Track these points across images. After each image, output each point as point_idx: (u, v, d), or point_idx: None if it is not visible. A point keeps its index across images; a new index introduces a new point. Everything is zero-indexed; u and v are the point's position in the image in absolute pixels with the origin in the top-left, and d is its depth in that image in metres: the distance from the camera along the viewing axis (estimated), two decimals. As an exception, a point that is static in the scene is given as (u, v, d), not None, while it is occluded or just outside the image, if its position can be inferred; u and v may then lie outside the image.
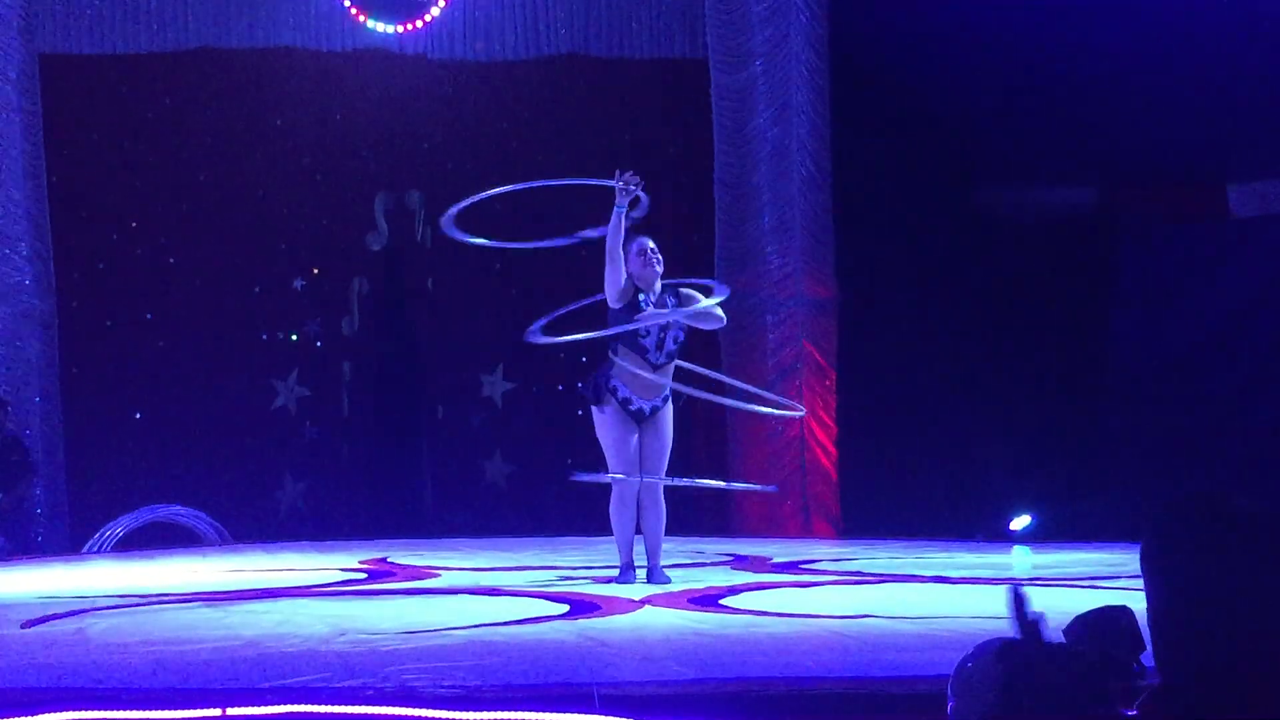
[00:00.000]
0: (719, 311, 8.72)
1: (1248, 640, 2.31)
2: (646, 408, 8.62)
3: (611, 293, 8.57)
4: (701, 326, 8.75)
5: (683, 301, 8.70)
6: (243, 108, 13.90)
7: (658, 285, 8.65)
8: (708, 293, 8.86)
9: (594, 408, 8.72)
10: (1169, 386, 13.83)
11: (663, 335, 8.61)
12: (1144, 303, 14.10)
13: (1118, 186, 14.16)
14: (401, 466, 14.15)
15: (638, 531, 8.72)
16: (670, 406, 8.70)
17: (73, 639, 6.46)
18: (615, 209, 8.48)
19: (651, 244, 8.68)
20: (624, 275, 8.55)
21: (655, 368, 8.60)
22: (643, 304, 8.58)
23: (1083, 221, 14.08)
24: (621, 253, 8.51)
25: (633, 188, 8.49)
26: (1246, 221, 13.73)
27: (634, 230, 8.78)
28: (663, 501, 8.73)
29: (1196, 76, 12.98)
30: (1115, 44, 13.25)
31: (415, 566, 10.04)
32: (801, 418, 12.53)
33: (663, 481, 8.66)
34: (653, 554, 8.64)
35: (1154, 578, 2.41)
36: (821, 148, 13.57)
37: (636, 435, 8.64)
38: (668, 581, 8.49)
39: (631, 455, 8.61)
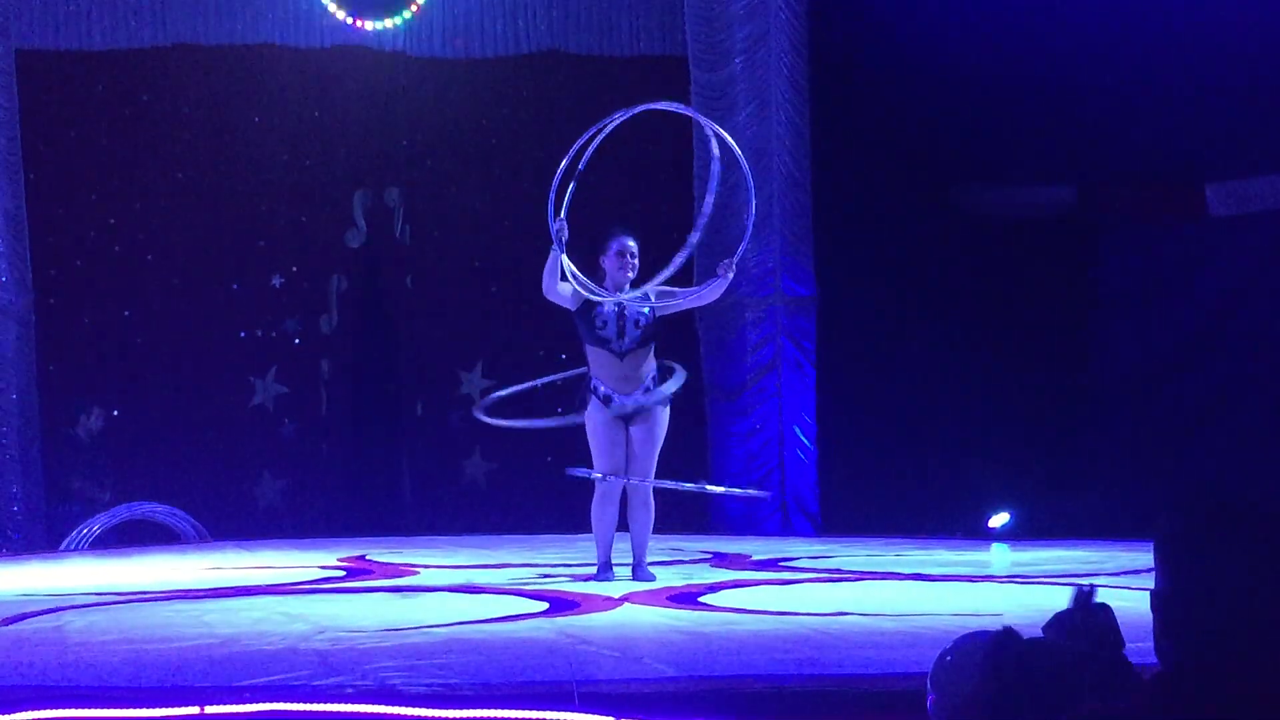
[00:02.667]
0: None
1: (1251, 631, 2.35)
2: (629, 403, 8.61)
3: (565, 304, 8.62)
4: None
5: (654, 295, 8.66)
6: (221, 104, 13.85)
7: (627, 285, 8.64)
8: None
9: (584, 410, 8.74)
10: (1148, 385, 13.86)
11: (621, 323, 8.59)
12: (1123, 302, 14.13)
13: (1096, 185, 14.18)
14: (380, 464, 14.13)
15: (620, 529, 8.72)
16: (663, 406, 8.68)
17: (50, 637, 6.44)
18: (553, 249, 8.47)
19: (632, 245, 8.66)
20: (568, 290, 8.56)
21: (622, 356, 8.59)
22: (598, 297, 8.56)
23: (1062, 221, 14.10)
24: (557, 289, 8.52)
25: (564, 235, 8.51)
26: (1225, 221, 13.76)
27: (618, 228, 8.78)
28: (652, 501, 8.73)
29: (1174, 76, 13.01)
30: (1094, 43, 13.28)
31: (394, 564, 10.03)
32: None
33: (651, 484, 8.65)
34: (639, 552, 8.65)
35: (1168, 562, 2.45)
36: (801, 145, 13.58)
37: (624, 434, 8.63)
38: (652, 579, 8.50)
39: (617, 454, 8.61)
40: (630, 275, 8.62)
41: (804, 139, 13.58)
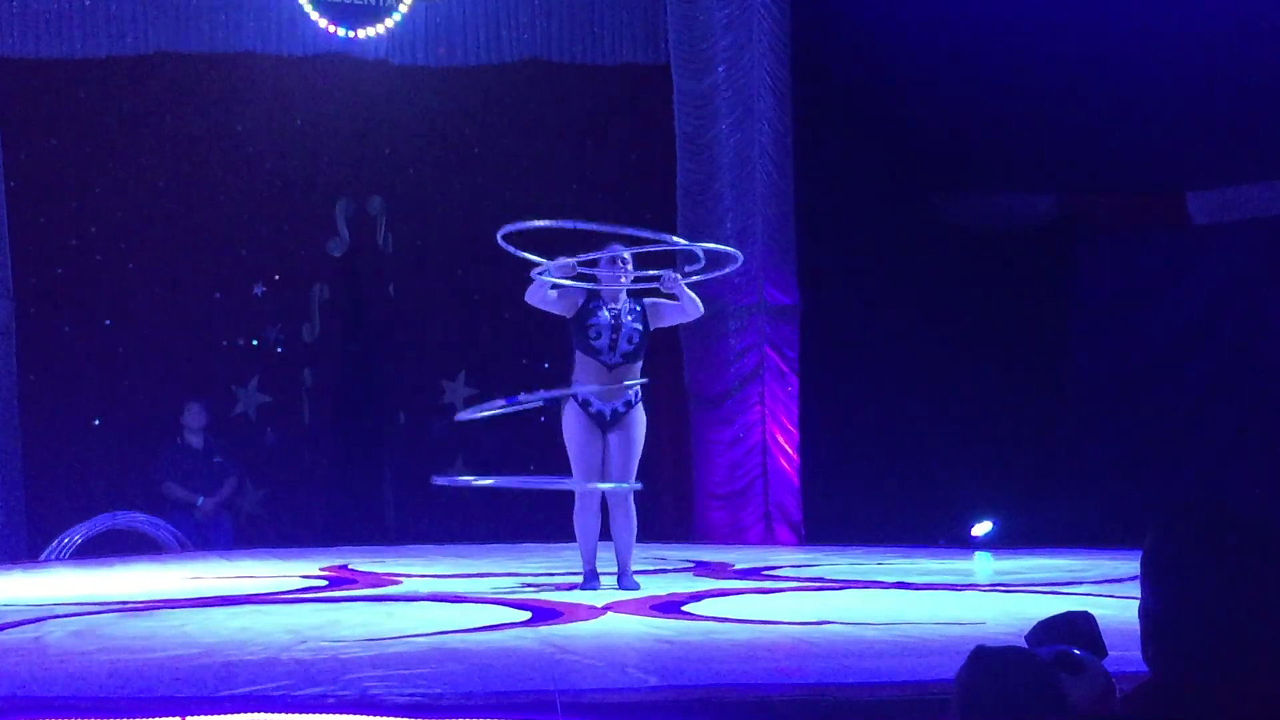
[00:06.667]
0: (696, 302, 8.73)
1: (1241, 644, 2.35)
2: (607, 410, 8.60)
3: (557, 310, 8.62)
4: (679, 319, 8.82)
5: (646, 310, 8.68)
6: (203, 113, 13.82)
7: (622, 296, 8.64)
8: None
9: (561, 413, 8.73)
10: (1129, 393, 13.90)
11: (615, 336, 8.59)
12: (1104, 310, 14.17)
13: (1078, 193, 14.22)
14: (362, 473, 14.10)
15: (604, 538, 8.71)
16: (640, 411, 8.67)
17: (31, 647, 6.41)
18: (541, 274, 8.48)
19: (626, 254, 8.65)
20: (553, 298, 8.57)
21: (611, 368, 8.59)
22: (594, 307, 8.58)
23: (1044, 228, 14.13)
24: (544, 296, 8.54)
25: (570, 266, 8.52)
26: (1206, 229, 13.81)
27: (609, 240, 8.78)
28: (632, 508, 8.71)
29: (1156, 84, 13.05)
30: (1076, 52, 13.31)
31: (376, 573, 10.01)
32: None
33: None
34: (622, 560, 8.64)
35: (1154, 578, 2.45)
36: (784, 154, 13.59)
37: (600, 441, 8.62)
38: (637, 588, 8.48)
39: (594, 460, 8.60)
40: (625, 282, 8.61)
41: (787, 147, 13.58)
